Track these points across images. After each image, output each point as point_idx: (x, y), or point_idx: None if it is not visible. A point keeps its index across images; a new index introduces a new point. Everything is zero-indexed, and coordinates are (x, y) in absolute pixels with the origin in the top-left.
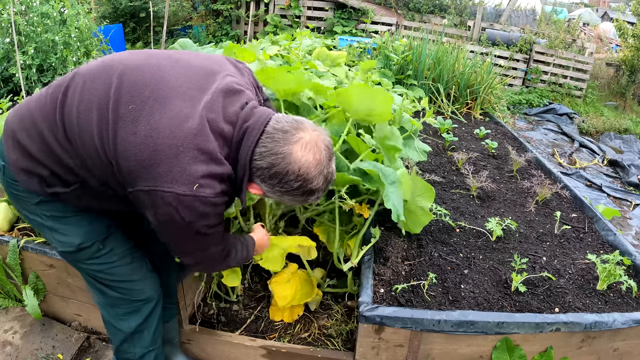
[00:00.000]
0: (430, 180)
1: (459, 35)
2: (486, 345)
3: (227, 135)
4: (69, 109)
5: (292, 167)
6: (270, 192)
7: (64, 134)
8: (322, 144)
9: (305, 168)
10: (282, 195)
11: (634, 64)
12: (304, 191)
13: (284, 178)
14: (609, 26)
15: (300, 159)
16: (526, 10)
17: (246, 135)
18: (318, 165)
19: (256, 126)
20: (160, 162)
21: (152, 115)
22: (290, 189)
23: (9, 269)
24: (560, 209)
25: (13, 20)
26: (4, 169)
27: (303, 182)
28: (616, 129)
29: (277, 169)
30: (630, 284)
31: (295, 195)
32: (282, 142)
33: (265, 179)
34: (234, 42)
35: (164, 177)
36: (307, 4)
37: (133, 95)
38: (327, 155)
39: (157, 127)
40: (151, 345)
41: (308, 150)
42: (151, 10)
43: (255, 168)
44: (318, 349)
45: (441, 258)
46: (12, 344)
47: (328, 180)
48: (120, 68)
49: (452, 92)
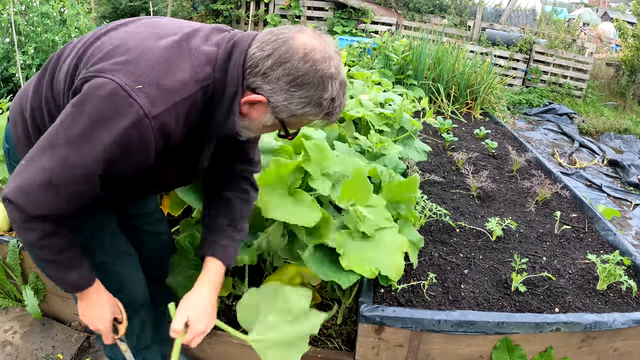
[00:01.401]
0: (430, 180)
1: (459, 35)
2: (486, 345)
3: (210, 55)
4: (61, 60)
5: (297, 48)
6: (276, 90)
7: (50, 84)
8: (326, 36)
9: (311, 49)
10: (291, 91)
11: (634, 64)
12: (315, 78)
13: (289, 61)
14: (609, 26)
15: (304, 41)
16: (526, 10)
17: (235, 46)
18: (325, 50)
19: (245, 37)
20: (119, 54)
21: (135, 29)
22: (298, 74)
23: (9, 269)
24: (560, 209)
25: (13, 20)
26: (8, 152)
27: (312, 63)
28: (616, 129)
29: (279, 53)
30: (630, 284)
31: (307, 86)
32: (282, 32)
33: (267, 72)
34: None
35: (112, 66)
36: (307, 4)
37: (124, 23)
38: (335, 50)
39: (136, 33)
40: (138, 345)
41: (311, 37)
42: (151, 10)
43: (255, 62)
44: (318, 349)
45: (441, 258)
46: (12, 344)
47: (341, 79)
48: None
49: (452, 92)
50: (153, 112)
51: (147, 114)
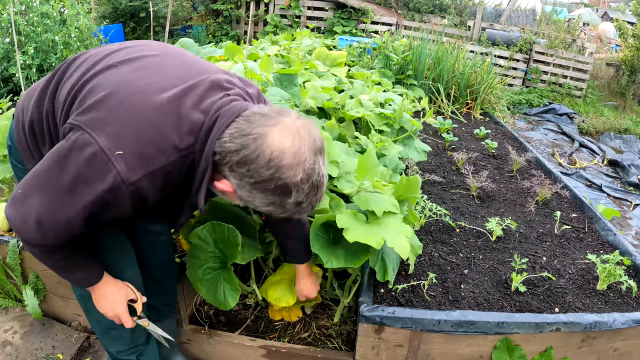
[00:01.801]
0: (430, 180)
1: (459, 35)
2: (486, 345)
3: (196, 123)
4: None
5: (264, 150)
6: (239, 186)
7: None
8: (307, 134)
9: (279, 152)
10: (253, 191)
11: (634, 64)
12: (277, 185)
13: (254, 164)
14: (609, 26)
15: (274, 142)
16: (526, 10)
17: (217, 121)
18: (296, 154)
19: (229, 112)
20: (108, 110)
21: (132, 73)
22: (260, 179)
23: (9, 269)
24: (560, 209)
25: (13, 20)
26: (10, 149)
27: (275, 170)
28: (616, 129)
29: (246, 152)
30: (630, 284)
31: (268, 191)
32: (258, 124)
33: (233, 167)
34: (234, 42)
35: (98, 123)
36: (307, 4)
37: (125, 59)
38: (312, 147)
39: (129, 83)
40: (131, 343)
41: (286, 135)
42: (151, 10)
43: (224, 152)
44: (318, 349)
45: (441, 258)
46: (12, 344)
47: (312, 181)
48: (125, 47)
49: (452, 92)
50: (130, 179)
51: (124, 181)
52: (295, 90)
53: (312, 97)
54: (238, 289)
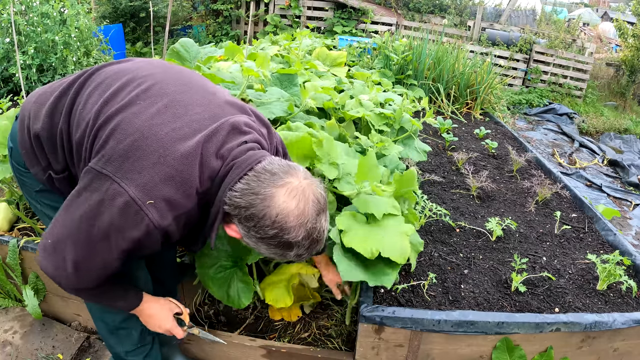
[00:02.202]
0: (430, 180)
1: (459, 35)
2: (486, 345)
3: (214, 170)
4: (83, 92)
5: (270, 212)
6: (246, 236)
7: (67, 116)
8: (312, 194)
9: (284, 215)
10: (258, 243)
11: (634, 64)
12: (280, 242)
13: (260, 222)
14: (609, 26)
15: (280, 204)
16: (526, 10)
17: (231, 172)
18: (300, 216)
19: (243, 164)
20: (136, 159)
21: (156, 116)
22: (265, 236)
23: (9, 269)
24: (560, 209)
25: (13, 20)
26: (11, 151)
27: (279, 230)
28: (616, 129)
29: (254, 210)
30: (630, 284)
31: (271, 245)
32: (266, 183)
33: (241, 220)
34: (234, 42)
35: (128, 173)
36: (307, 4)
37: (148, 95)
38: (315, 208)
39: (154, 129)
40: (139, 343)
41: (292, 197)
42: (151, 10)
43: (234, 206)
44: (318, 349)
45: (441, 258)
46: (12, 344)
47: (312, 238)
48: (148, 74)
49: (452, 92)
50: (162, 224)
51: (157, 226)
52: (295, 90)
53: (312, 97)
54: (252, 287)
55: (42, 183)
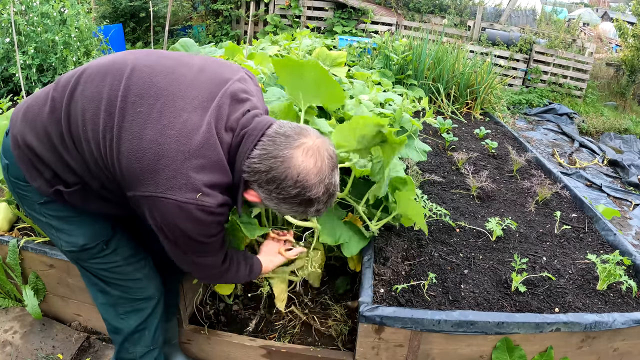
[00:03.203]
0: (430, 180)
1: (459, 35)
2: (486, 345)
3: (227, 142)
4: (75, 105)
5: (291, 172)
6: (268, 199)
7: (69, 132)
8: (326, 152)
9: (305, 174)
10: (280, 203)
11: (634, 64)
12: (302, 200)
13: (282, 183)
14: (609, 26)
15: (300, 164)
16: (526, 10)
17: (244, 141)
18: (319, 173)
19: (255, 131)
20: (163, 168)
21: (161, 120)
22: (287, 195)
23: (9, 269)
24: (560, 209)
25: (13, 20)
26: (7, 168)
27: (302, 189)
28: (616, 129)
29: (275, 173)
30: (630, 284)
31: (294, 203)
32: (283, 146)
33: (262, 184)
34: (234, 42)
35: (165, 184)
36: (307, 4)
37: (143, 97)
38: (330, 164)
39: (165, 132)
40: (152, 344)
41: (309, 156)
42: (151, 10)
43: (253, 172)
44: (318, 349)
45: (441, 258)
46: (12, 344)
47: (330, 192)
48: (131, 68)
49: (452, 92)
50: (219, 202)
51: (218, 205)
52: None
53: None
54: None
55: (45, 195)
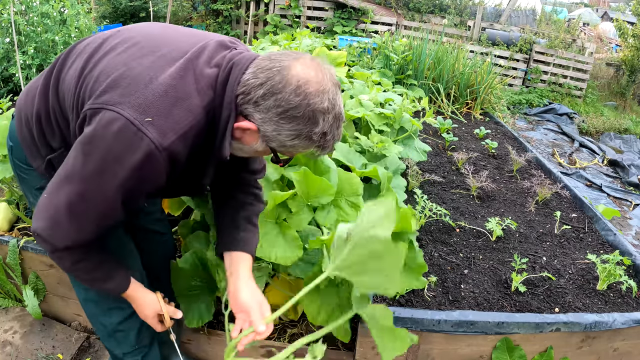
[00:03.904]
0: (430, 180)
1: (459, 35)
2: (486, 345)
3: (212, 77)
4: (67, 62)
5: (290, 79)
6: (265, 120)
7: (57, 79)
8: (327, 70)
9: (305, 81)
10: (280, 123)
11: (634, 64)
12: (305, 112)
13: (281, 92)
14: (609, 26)
15: (299, 72)
16: (526, 10)
17: (232, 69)
18: (321, 83)
19: (243, 60)
20: (126, 85)
21: (140, 51)
22: (289, 106)
23: (9, 268)
24: (560, 209)
25: (13, 20)
26: (12, 150)
27: (304, 97)
28: (616, 129)
29: (272, 83)
30: (630, 284)
31: (297, 120)
32: (279, 59)
33: (258, 100)
34: None
35: (119, 98)
36: (307, 4)
37: (127, 40)
38: (332, 80)
39: (140, 59)
40: (136, 344)
41: (308, 67)
42: (151, 10)
43: (248, 89)
44: None
45: (441, 258)
46: (12, 344)
47: (335, 112)
48: (120, 29)
49: (452, 92)
50: (164, 144)
51: (158, 147)
52: None
53: None
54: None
55: (44, 178)
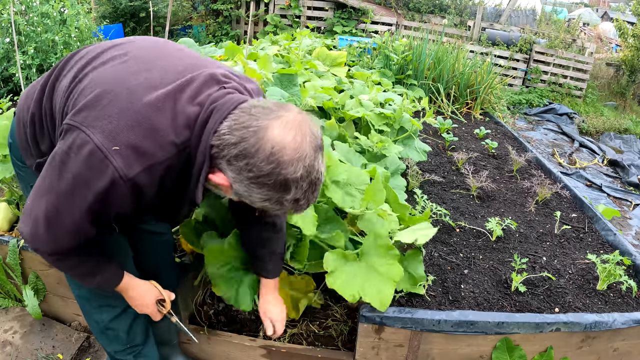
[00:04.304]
0: (430, 180)
1: (459, 35)
2: (486, 345)
3: (191, 117)
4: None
5: (264, 145)
6: (237, 180)
7: (53, 86)
8: (308, 128)
9: (280, 147)
10: (250, 186)
11: (634, 64)
12: (276, 181)
13: (253, 158)
14: (609, 26)
15: (275, 136)
16: (526, 10)
17: (213, 114)
18: (298, 149)
19: (226, 104)
20: (103, 106)
21: (127, 68)
22: (259, 174)
23: (9, 269)
24: (560, 209)
25: (13, 20)
26: (11, 147)
27: (276, 165)
28: (616, 129)
29: (245, 145)
30: (630, 284)
31: (267, 185)
32: (258, 116)
33: (231, 160)
34: (234, 42)
35: (93, 122)
36: (307, 4)
37: (121, 54)
38: (312, 144)
39: (125, 79)
40: (128, 343)
41: (288, 129)
42: (151, 10)
43: (221, 145)
44: (318, 349)
45: (441, 258)
46: (12, 344)
47: (311, 178)
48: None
49: (452, 92)
50: (128, 175)
51: (122, 177)
52: (295, 90)
53: (312, 97)
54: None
55: (36, 177)
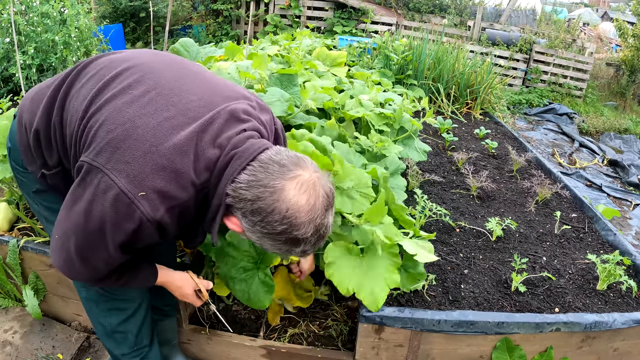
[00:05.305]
0: (430, 180)
1: (459, 35)
2: (486, 345)
3: (212, 160)
4: (77, 83)
5: (280, 206)
6: (250, 230)
7: (61, 107)
8: (322, 189)
9: (295, 210)
10: (262, 238)
11: (634, 64)
12: (287, 238)
13: (268, 217)
14: (609, 26)
15: (291, 198)
16: (526, 10)
17: (232, 162)
18: (310, 211)
19: (245, 153)
20: (126, 148)
21: (147, 106)
22: (272, 231)
23: (9, 269)
24: (560, 209)
25: (13, 20)
26: (10, 151)
27: (289, 226)
28: (616, 129)
29: (261, 204)
30: (630, 284)
31: (278, 241)
32: (275, 175)
33: (246, 214)
34: (234, 42)
35: (118, 164)
36: (307, 4)
37: (140, 82)
38: (325, 203)
39: (146, 118)
40: (136, 346)
41: (303, 191)
42: (151, 10)
43: (238, 198)
44: (318, 349)
45: (441, 258)
46: (12, 344)
47: (319, 234)
48: (139, 60)
49: (452, 92)
50: (155, 217)
51: (149, 219)
52: (295, 90)
53: (312, 97)
54: (272, 289)
55: (39, 183)
